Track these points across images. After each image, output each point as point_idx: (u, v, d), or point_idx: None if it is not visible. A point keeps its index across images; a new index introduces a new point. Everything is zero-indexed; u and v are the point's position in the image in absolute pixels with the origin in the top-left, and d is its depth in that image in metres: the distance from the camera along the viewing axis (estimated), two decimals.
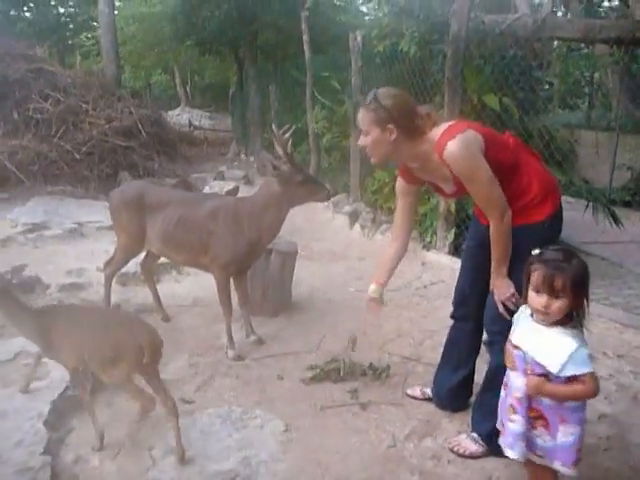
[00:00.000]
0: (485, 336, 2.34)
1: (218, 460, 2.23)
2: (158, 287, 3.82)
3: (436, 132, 2.08)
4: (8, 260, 4.78)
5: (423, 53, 5.78)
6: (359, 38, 6.78)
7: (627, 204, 7.65)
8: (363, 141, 2.16)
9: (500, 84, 4.75)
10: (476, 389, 2.60)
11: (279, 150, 2.98)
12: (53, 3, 18.83)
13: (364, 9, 15.84)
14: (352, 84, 6.78)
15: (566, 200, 5.80)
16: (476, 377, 2.61)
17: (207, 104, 23.98)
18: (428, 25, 5.35)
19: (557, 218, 2.17)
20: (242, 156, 12.18)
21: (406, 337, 3.49)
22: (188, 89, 25.77)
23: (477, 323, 2.45)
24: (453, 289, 2.65)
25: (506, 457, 2.25)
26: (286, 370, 3.06)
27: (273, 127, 3.02)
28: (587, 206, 4.83)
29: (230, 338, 3.21)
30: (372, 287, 2.54)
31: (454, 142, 1.98)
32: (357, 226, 6.15)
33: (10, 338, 3.22)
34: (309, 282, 4.38)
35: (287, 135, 2.99)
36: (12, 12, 18.07)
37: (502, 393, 1.95)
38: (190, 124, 17.58)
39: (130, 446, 2.32)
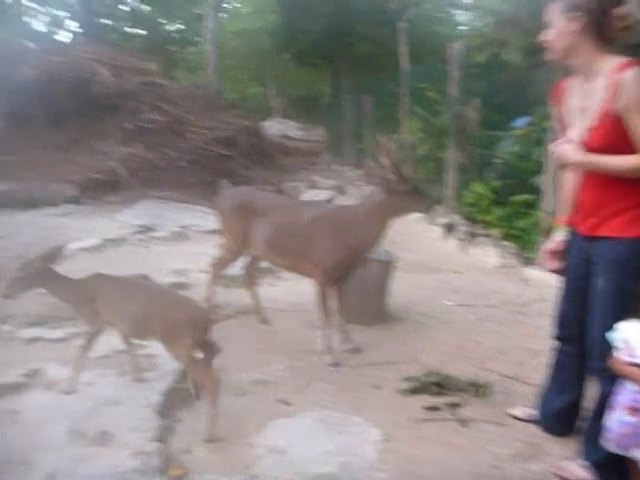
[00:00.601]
0: (592, 362, 2.20)
1: (319, 463, 2.25)
2: (257, 290, 3.95)
3: (610, 60, 2.01)
4: (120, 259, 5.15)
5: (528, 63, 5.60)
6: (459, 49, 6.68)
7: None
8: (545, 35, 2.12)
9: None
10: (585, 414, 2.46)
11: (384, 160, 2.99)
12: (164, 21, 20.13)
13: (460, 19, 15.61)
14: (450, 95, 6.69)
15: None
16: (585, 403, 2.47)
17: (300, 114, 24.55)
18: (537, 35, 5.16)
19: None
20: (335, 166, 12.31)
21: (507, 355, 3.37)
22: (281, 100, 26.54)
23: (581, 347, 2.33)
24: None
25: None
26: (383, 379, 3.05)
27: (378, 137, 3.04)
28: None
29: (327, 344, 3.24)
30: (560, 229, 2.38)
31: (637, 70, 1.91)
32: (452, 239, 6.03)
33: None
34: (404, 293, 4.33)
35: (393, 145, 3.00)
36: (127, 29, 19.53)
37: (627, 418, 1.83)
38: (283, 134, 18.05)
39: (234, 440, 2.41)
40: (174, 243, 5.85)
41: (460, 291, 4.54)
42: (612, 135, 1.96)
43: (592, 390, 2.41)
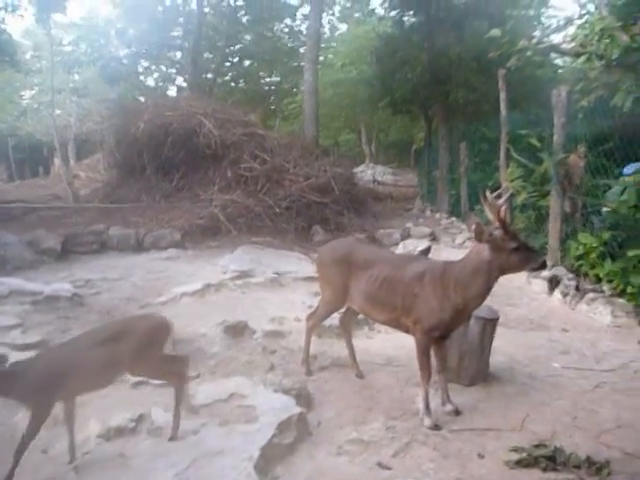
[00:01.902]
0: None
1: None
2: (352, 342, 3.90)
3: None
4: (220, 304, 5.34)
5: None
6: (564, 94, 6.45)
7: None
8: None
9: None
10: None
11: (491, 215, 2.90)
12: (263, 74, 21.35)
13: (560, 62, 15.14)
14: (554, 141, 6.43)
15: None
16: None
17: (390, 160, 24.75)
18: None
19: None
20: (427, 212, 12.19)
21: (628, 429, 3.05)
22: (372, 146, 26.94)
23: None
24: None
25: None
26: (487, 448, 2.86)
27: (486, 193, 2.95)
28: None
29: (427, 405, 3.11)
30: None
31: None
32: (557, 293, 5.67)
33: (225, 377, 3.54)
34: (507, 352, 4.10)
35: (501, 200, 2.90)
36: (232, 84, 20.89)
37: None
38: (374, 180, 18.22)
39: None
40: (271, 289, 5.98)
41: (569, 352, 4.22)
42: None
43: None
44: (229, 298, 5.53)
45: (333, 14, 24.90)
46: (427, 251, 6.76)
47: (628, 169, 6.14)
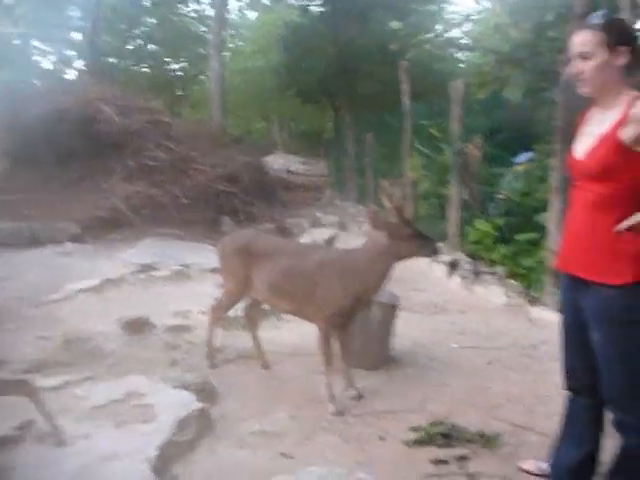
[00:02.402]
0: (612, 415, 2.10)
1: None
2: (258, 333, 3.87)
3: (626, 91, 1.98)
4: (120, 299, 5.09)
5: (529, 101, 5.63)
6: (460, 86, 6.73)
7: None
8: (581, 66, 1.99)
9: None
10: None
11: (387, 203, 2.96)
12: (168, 60, 20.55)
13: (460, 57, 15.86)
14: (452, 131, 6.71)
15: None
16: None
17: (301, 149, 24.84)
18: (537, 73, 5.21)
19: None
20: (337, 202, 12.36)
21: (517, 402, 3.25)
22: (283, 135, 26.90)
23: (595, 398, 2.23)
24: None
25: None
26: (388, 430, 2.94)
27: (381, 181, 3.01)
28: None
29: (330, 392, 3.15)
30: None
31: None
32: (456, 277, 5.95)
33: (123, 376, 3.37)
34: (410, 335, 4.24)
35: (396, 189, 2.97)
36: (136, 69, 19.92)
37: None
38: (287, 170, 18.20)
39: None
40: (176, 282, 5.79)
41: (466, 332, 4.45)
42: (611, 159, 1.91)
43: (609, 442, 2.32)
44: (130, 293, 5.29)
45: (242, 0, 24.48)
46: (332, 240, 6.84)
47: (519, 158, 6.53)
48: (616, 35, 1.96)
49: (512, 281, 5.40)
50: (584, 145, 2.03)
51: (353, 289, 3.03)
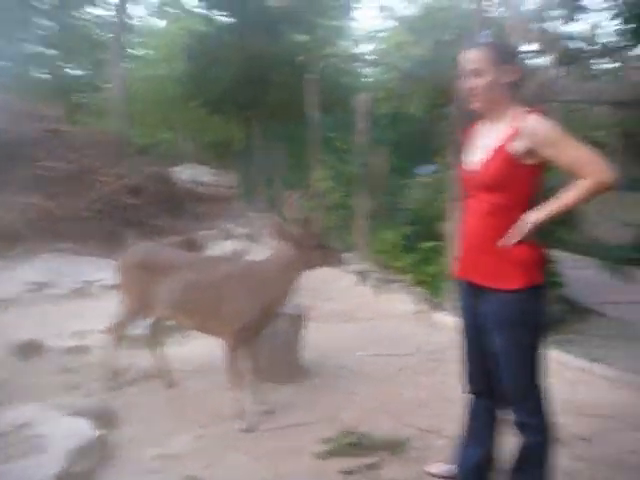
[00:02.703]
0: (513, 415, 2.19)
1: None
2: (163, 350, 3.70)
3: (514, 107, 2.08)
4: (13, 321, 4.71)
5: (431, 115, 5.89)
6: (365, 100, 6.92)
7: (630, 262, 7.57)
8: (473, 83, 2.06)
9: None
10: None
11: (291, 214, 2.95)
12: (68, 65, 19.45)
13: (366, 72, 16.37)
14: (358, 143, 6.87)
15: (573, 258, 5.74)
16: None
17: (210, 160, 24.36)
18: (436, 89, 5.46)
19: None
20: (247, 213, 12.22)
21: (425, 407, 3.34)
22: (191, 146, 26.26)
23: (491, 400, 2.35)
24: None
25: None
26: (299, 443, 2.91)
27: (287, 192, 3.00)
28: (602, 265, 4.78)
29: (239, 408, 3.07)
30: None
31: (539, 115, 2.00)
32: (365, 286, 6.06)
33: (13, 406, 3.09)
34: (319, 346, 4.23)
35: (299, 200, 2.97)
36: (31, 73, 18.63)
37: None
38: (194, 180, 17.76)
39: None
40: (75, 300, 5.46)
41: (376, 340, 4.52)
42: (501, 170, 2.01)
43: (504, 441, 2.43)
44: (24, 314, 4.90)
45: (147, 8, 23.75)
46: (241, 252, 6.75)
47: (421, 170, 6.81)
48: (503, 54, 2.09)
49: (418, 288, 5.58)
50: (476, 157, 2.13)
51: (260, 301, 2.98)
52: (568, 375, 3.70)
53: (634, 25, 5.57)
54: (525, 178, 2.02)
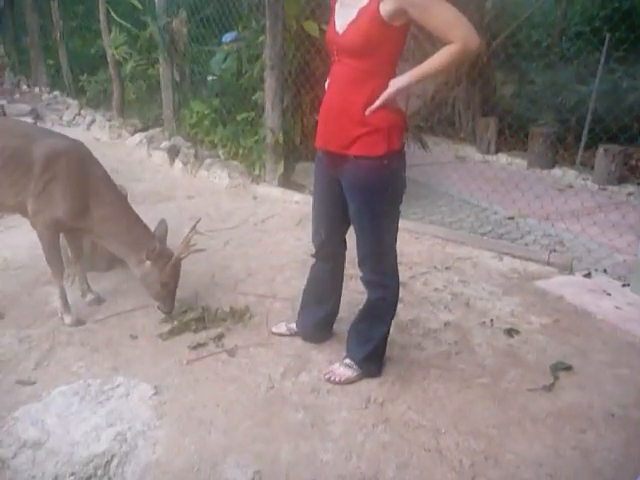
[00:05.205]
0: (362, 274, 2.33)
1: (87, 443, 1.96)
2: None
3: None
4: None
5: None
6: None
7: (419, 128, 8.38)
8: None
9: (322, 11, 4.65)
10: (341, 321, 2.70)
11: None
12: None
13: None
14: (156, 4, 6.11)
15: None
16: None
17: None
18: None
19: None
20: (24, 87, 10.44)
21: (256, 275, 3.43)
22: None
23: (337, 263, 2.52)
24: (290, 221, 2.59)
25: (379, 377, 2.41)
26: (138, 327, 2.80)
27: None
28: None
29: (65, 302, 2.80)
30: None
31: None
32: (178, 163, 5.77)
33: None
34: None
35: None
36: None
37: None
38: None
39: None
40: None
41: (197, 217, 4.39)
42: (371, 33, 1.90)
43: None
44: None
45: None
46: None
47: (226, 37, 6.36)
48: None
49: (234, 162, 5.48)
50: (344, 19, 1.98)
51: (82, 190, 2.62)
52: None
53: None
54: (391, 42, 1.93)
